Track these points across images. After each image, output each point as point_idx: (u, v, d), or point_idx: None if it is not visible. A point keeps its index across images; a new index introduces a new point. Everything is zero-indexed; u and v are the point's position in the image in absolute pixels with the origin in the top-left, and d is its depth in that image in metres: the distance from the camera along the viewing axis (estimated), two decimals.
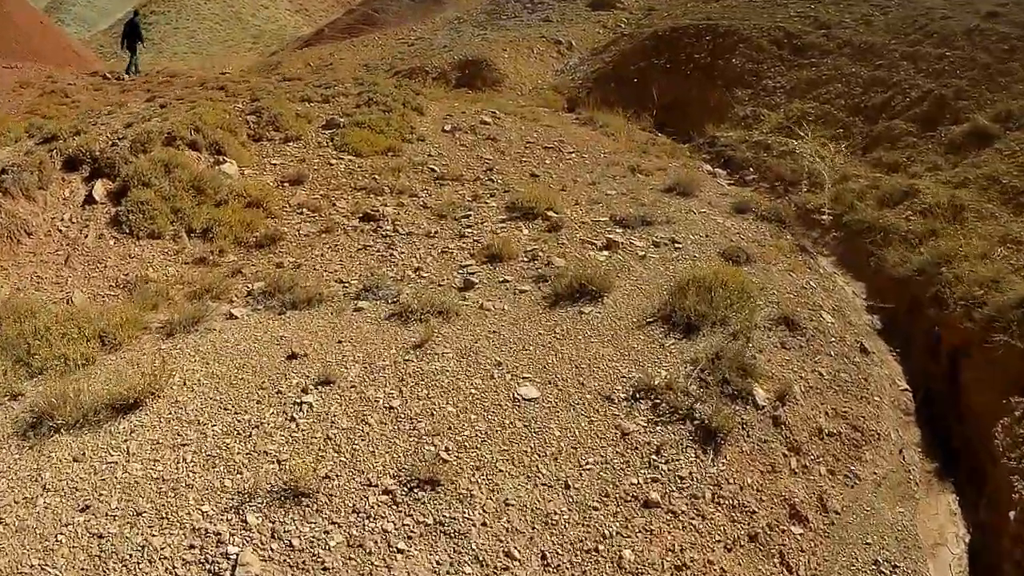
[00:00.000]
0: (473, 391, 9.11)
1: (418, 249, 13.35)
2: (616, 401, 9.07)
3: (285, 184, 15.85)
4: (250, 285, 12.62)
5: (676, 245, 13.09)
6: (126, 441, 8.22)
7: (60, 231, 14.49)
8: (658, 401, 9.06)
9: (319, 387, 9.07)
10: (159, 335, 10.69)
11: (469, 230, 13.95)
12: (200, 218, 14.28)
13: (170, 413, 8.67)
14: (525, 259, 12.65)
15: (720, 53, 27.42)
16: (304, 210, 14.92)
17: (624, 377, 9.47)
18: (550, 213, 14.22)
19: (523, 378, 9.34)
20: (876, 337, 12.87)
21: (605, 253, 12.75)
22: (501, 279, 11.96)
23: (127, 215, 14.29)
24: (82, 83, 27.41)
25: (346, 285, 12.25)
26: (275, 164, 16.63)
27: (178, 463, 7.91)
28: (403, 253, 13.22)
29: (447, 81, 39.30)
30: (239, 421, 8.53)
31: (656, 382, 9.27)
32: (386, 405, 8.79)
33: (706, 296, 10.71)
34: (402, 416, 8.63)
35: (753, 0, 31.02)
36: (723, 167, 20.77)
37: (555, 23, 40.37)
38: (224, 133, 16.88)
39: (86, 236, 14.28)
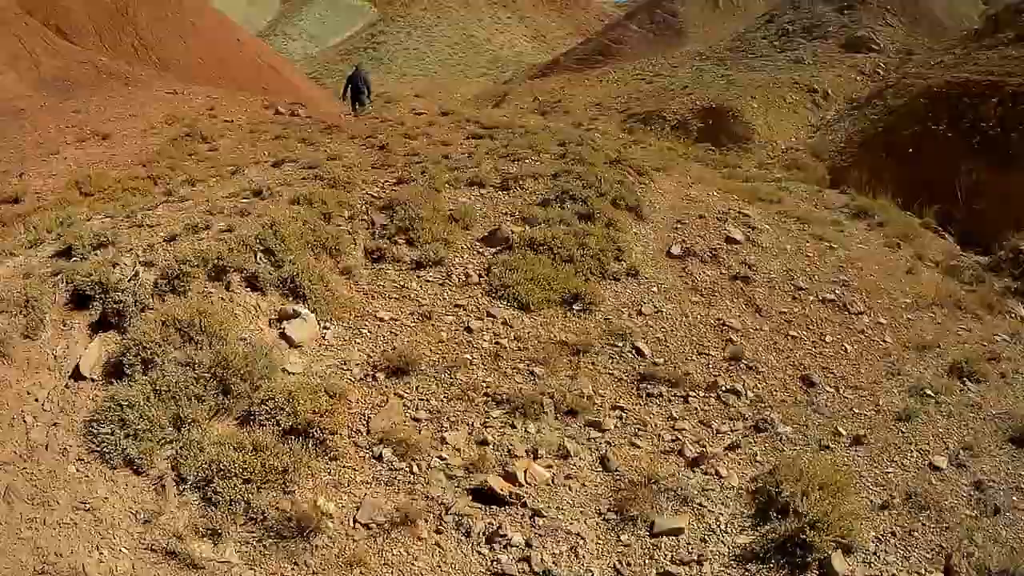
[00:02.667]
0: None
1: None
2: None
3: (377, 374, 8.62)
4: None
5: None
6: None
7: (25, 422, 8.33)
8: None
9: None
10: None
11: None
12: (200, 454, 7.50)
13: None
14: None
15: (1012, 123, 21.52)
16: (384, 451, 7.60)
17: None
18: (836, 565, 6.50)
19: None
20: None
21: None
22: None
23: (100, 424, 7.86)
24: (243, 119, 22.02)
25: None
26: (380, 320, 9.50)
27: None
28: None
29: (687, 131, 32.56)
30: None
31: None
32: None
33: None
34: None
35: None
36: None
37: (807, 65, 34.00)
38: (312, 256, 10.02)
39: (47, 445, 8.02)
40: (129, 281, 9.52)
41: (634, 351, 9.26)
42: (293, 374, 8.60)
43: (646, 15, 49.02)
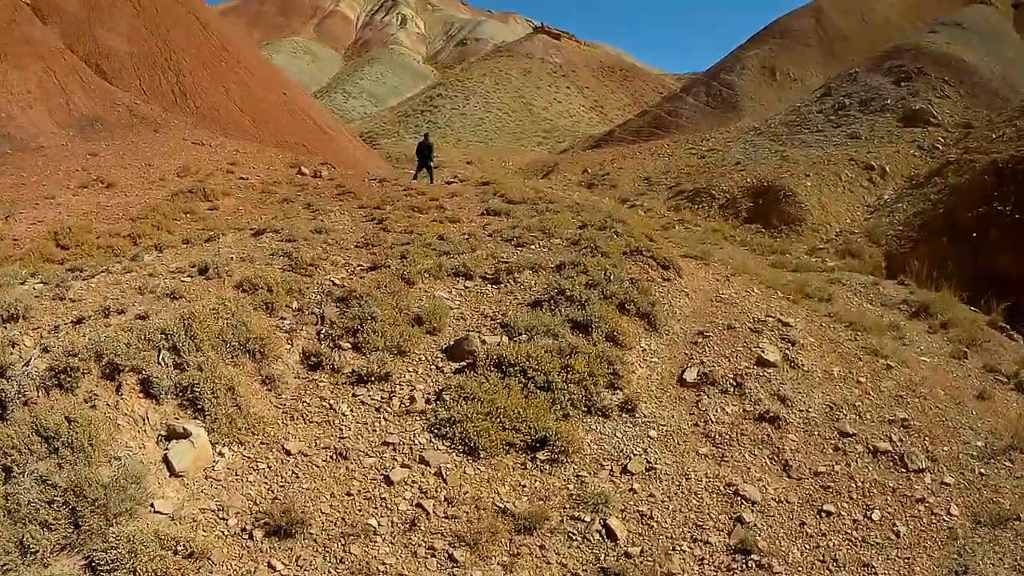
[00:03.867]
0: None
1: None
2: None
3: (255, 531, 6.65)
4: None
5: None
6: None
7: None
8: None
9: None
10: None
11: None
12: None
13: None
14: None
15: None
16: None
17: None
18: None
19: None
20: None
21: None
22: None
23: None
24: (260, 177, 20.77)
25: None
26: (287, 453, 7.61)
27: None
28: None
29: (736, 211, 30.57)
30: None
31: None
32: None
33: None
34: None
35: None
36: None
37: (863, 140, 32.01)
38: (228, 360, 8.26)
39: None
40: (22, 368, 7.93)
41: (603, 532, 7.07)
42: (160, 514, 6.79)
43: (703, 87, 47.43)
